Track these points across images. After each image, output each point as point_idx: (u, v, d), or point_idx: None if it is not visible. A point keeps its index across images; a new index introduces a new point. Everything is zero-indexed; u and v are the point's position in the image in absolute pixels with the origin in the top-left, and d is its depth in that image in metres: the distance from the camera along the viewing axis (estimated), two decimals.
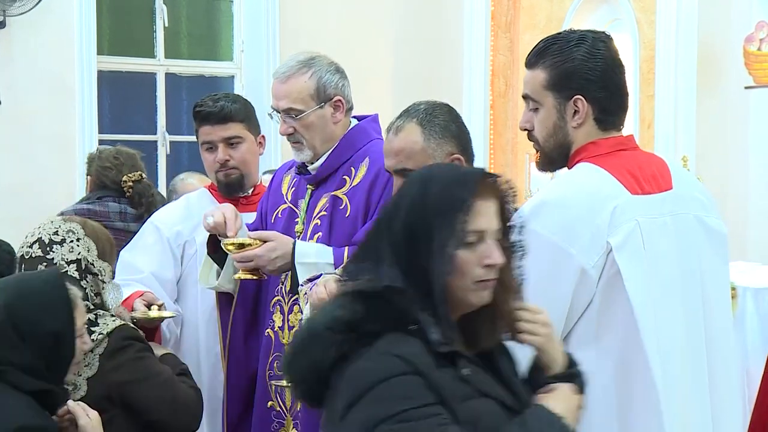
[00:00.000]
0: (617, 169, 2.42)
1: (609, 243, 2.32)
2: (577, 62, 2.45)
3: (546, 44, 2.51)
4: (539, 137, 2.53)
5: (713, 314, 2.47)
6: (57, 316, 2.56)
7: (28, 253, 2.98)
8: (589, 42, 2.47)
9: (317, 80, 3.28)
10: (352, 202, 3.26)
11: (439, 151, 2.83)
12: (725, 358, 2.49)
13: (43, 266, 2.92)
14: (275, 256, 3.21)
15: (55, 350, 2.55)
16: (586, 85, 2.45)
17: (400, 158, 2.84)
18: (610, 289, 2.33)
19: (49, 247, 2.96)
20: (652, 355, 2.31)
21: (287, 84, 3.29)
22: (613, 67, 2.50)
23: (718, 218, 2.54)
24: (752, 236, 5.96)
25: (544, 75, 2.48)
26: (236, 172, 3.67)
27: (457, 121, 2.91)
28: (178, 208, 3.86)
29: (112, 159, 4.54)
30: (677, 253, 2.42)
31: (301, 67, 3.30)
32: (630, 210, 2.37)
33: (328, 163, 3.32)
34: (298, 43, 7.43)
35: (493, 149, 7.54)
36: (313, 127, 3.28)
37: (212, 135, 3.64)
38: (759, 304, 5.15)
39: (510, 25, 7.51)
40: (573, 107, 2.46)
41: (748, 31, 5.99)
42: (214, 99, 3.68)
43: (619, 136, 2.51)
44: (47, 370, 2.54)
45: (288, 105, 3.28)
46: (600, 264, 2.32)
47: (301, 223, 3.36)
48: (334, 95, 3.30)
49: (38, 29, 6.72)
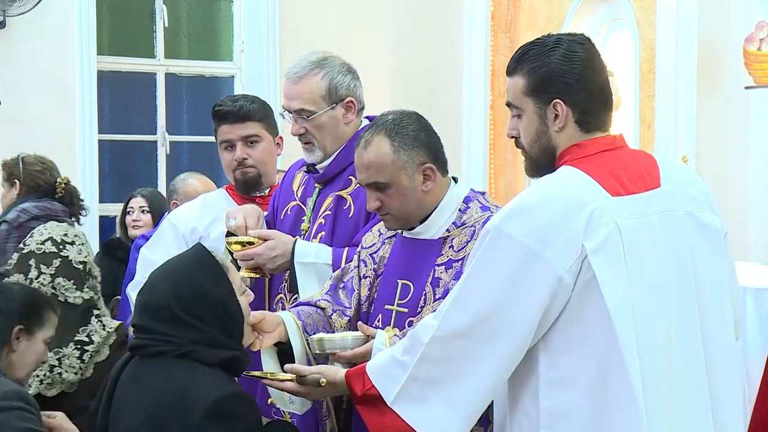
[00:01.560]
0: (599, 171, 2.42)
1: (584, 247, 2.32)
2: (554, 66, 2.46)
3: (523, 50, 2.53)
4: (525, 143, 2.54)
5: (710, 313, 2.45)
6: (218, 284, 2.66)
7: (40, 249, 3.21)
8: (564, 45, 2.48)
9: (329, 81, 3.28)
10: (356, 202, 3.27)
11: (410, 162, 2.82)
12: (724, 356, 2.47)
13: (59, 261, 3.17)
14: (275, 255, 3.22)
15: (227, 316, 2.65)
16: (564, 89, 2.46)
17: (371, 172, 2.83)
18: (586, 294, 2.32)
19: (62, 246, 3.22)
20: (629, 358, 2.29)
21: (299, 85, 3.29)
22: (592, 68, 2.49)
23: (714, 213, 2.52)
24: (752, 236, 5.95)
25: (523, 81, 2.49)
26: (254, 170, 3.72)
27: (427, 129, 2.89)
28: (194, 206, 3.98)
29: (40, 163, 4.79)
30: (667, 251, 2.41)
31: (314, 67, 3.30)
32: (609, 213, 2.36)
33: (336, 162, 3.33)
34: (298, 43, 7.44)
35: (493, 149, 7.54)
36: (325, 127, 3.29)
37: (231, 134, 3.69)
38: (759, 304, 5.15)
39: (510, 25, 7.51)
40: (553, 111, 2.47)
41: (748, 31, 5.98)
42: (233, 99, 3.76)
43: (606, 137, 2.51)
44: (227, 337, 2.65)
45: (300, 105, 3.28)
46: (575, 269, 2.32)
47: (307, 221, 3.37)
48: (345, 96, 3.30)
49: (38, 29, 6.73)
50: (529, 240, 2.32)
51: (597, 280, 2.31)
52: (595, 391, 2.32)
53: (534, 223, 2.34)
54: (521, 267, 2.32)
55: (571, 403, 2.33)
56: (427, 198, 2.85)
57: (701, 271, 2.45)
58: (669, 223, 2.43)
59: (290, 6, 7.61)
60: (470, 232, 2.81)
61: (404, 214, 2.86)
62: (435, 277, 2.81)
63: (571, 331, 2.34)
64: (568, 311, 2.34)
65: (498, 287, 2.34)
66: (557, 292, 2.32)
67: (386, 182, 2.82)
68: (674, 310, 2.40)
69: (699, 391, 2.42)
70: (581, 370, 2.33)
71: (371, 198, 2.86)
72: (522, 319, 2.33)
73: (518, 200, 2.42)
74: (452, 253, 2.81)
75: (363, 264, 3.01)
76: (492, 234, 2.37)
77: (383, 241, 3.00)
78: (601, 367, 2.32)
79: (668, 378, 2.36)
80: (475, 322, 2.36)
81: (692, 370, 2.41)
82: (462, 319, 2.38)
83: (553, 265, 2.31)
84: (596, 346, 2.32)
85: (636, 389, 2.29)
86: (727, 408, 2.47)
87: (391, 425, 2.45)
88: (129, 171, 7.60)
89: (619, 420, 2.30)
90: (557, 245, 2.31)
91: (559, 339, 2.35)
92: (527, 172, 2.62)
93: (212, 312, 2.63)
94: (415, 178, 2.83)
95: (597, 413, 2.32)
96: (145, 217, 5.59)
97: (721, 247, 2.52)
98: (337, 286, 3.05)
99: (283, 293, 3.35)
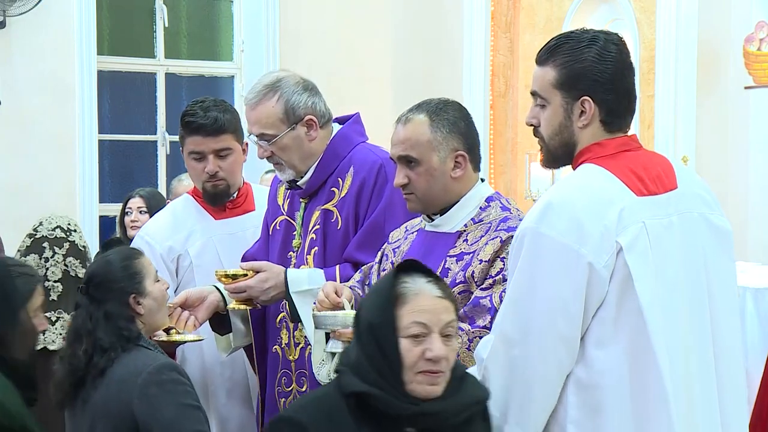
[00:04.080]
0: (622, 170, 2.42)
1: (618, 243, 2.33)
2: (587, 63, 2.45)
3: (558, 42, 2.51)
4: (545, 134, 2.53)
5: (719, 313, 2.47)
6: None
7: (52, 234, 3.71)
8: (600, 43, 2.47)
9: (284, 103, 3.26)
10: (342, 213, 3.26)
11: (445, 145, 2.84)
12: (732, 357, 2.49)
13: (67, 245, 3.70)
14: (267, 287, 3.21)
15: None
16: (595, 87, 2.45)
17: (406, 146, 2.85)
18: (622, 290, 2.33)
19: (68, 233, 3.73)
20: (661, 356, 2.31)
21: (256, 111, 3.27)
22: (623, 69, 2.49)
23: (722, 216, 2.55)
24: (752, 236, 5.96)
25: (554, 73, 2.47)
26: (223, 183, 3.62)
27: (467, 119, 2.91)
28: (165, 221, 3.76)
29: None
30: (683, 252, 2.42)
31: (267, 91, 3.27)
32: (636, 212, 2.37)
33: (315, 177, 3.31)
34: (298, 43, 7.46)
35: (493, 149, 7.54)
36: (289, 148, 3.27)
37: (203, 146, 3.55)
38: (759, 304, 5.15)
39: (510, 25, 7.51)
40: (580, 108, 2.46)
41: (748, 31, 5.98)
42: (204, 108, 3.55)
43: (624, 137, 2.51)
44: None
45: (260, 131, 3.27)
46: (610, 264, 2.32)
47: (298, 236, 3.36)
48: (304, 115, 3.27)
49: (38, 29, 6.73)
50: (566, 238, 2.32)
51: (631, 276, 2.31)
52: (626, 388, 2.33)
53: (567, 220, 2.34)
54: (560, 266, 2.33)
55: (600, 399, 2.33)
56: (453, 185, 2.86)
57: (713, 273, 2.47)
58: (686, 225, 2.45)
59: (290, 6, 7.61)
60: (485, 228, 2.82)
61: (428, 196, 2.87)
62: (445, 267, 2.81)
63: (602, 328, 2.35)
64: (603, 307, 2.34)
65: (543, 289, 2.34)
66: (595, 288, 2.32)
67: (418, 158, 2.83)
68: (689, 309, 2.41)
69: (709, 389, 2.43)
70: (612, 366, 2.33)
71: (400, 174, 2.87)
72: (569, 317, 2.33)
73: (547, 200, 2.41)
74: (465, 246, 2.82)
75: (385, 258, 3.02)
76: (529, 237, 2.37)
77: (406, 236, 3.02)
78: (632, 364, 2.32)
79: (686, 376, 2.38)
80: (529, 327, 2.36)
81: (704, 369, 2.43)
82: (516, 326, 2.37)
83: (591, 261, 2.31)
84: (628, 342, 2.33)
85: (668, 386, 2.30)
86: (732, 407, 2.49)
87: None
88: (129, 171, 7.60)
89: (651, 417, 2.31)
90: (592, 241, 2.32)
91: (590, 335, 2.36)
92: (542, 163, 2.60)
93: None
94: (447, 162, 2.84)
95: (627, 410, 2.33)
96: (143, 218, 5.57)
97: (730, 250, 2.55)
98: (363, 281, 3.07)
99: (285, 311, 3.33)
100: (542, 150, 2.56)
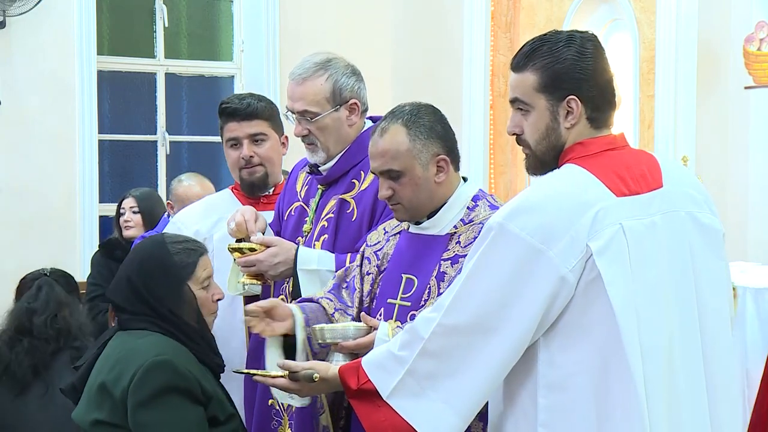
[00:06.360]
0: (603, 170, 2.41)
1: (589, 247, 2.31)
2: (569, 63, 2.45)
3: (533, 46, 2.50)
4: (530, 140, 2.51)
5: (708, 313, 2.45)
6: None
7: None
8: (577, 42, 2.47)
9: (333, 83, 3.27)
10: (359, 206, 3.26)
11: (425, 151, 2.83)
12: (722, 357, 2.47)
13: None
14: (277, 261, 3.22)
15: None
16: (579, 85, 2.45)
17: (386, 159, 2.84)
18: (589, 294, 2.31)
19: None
20: (633, 358, 2.29)
21: (303, 86, 3.28)
22: (602, 65, 2.50)
23: (712, 214, 2.53)
24: (752, 236, 5.95)
25: (535, 77, 2.47)
26: (261, 169, 3.70)
27: (443, 122, 2.91)
28: (197, 208, 3.95)
29: None
30: (668, 252, 2.41)
31: (318, 69, 3.29)
32: (614, 213, 2.35)
33: (340, 165, 3.32)
34: (298, 43, 7.45)
35: (493, 149, 7.54)
36: (328, 129, 3.28)
37: (237, 131, 3.66)
38: (759, 304, 5.14)
39: (510, 25, 7.51)
40: (566, 108, 2.46)
41: (748, 31, 5.98)
42: (240, 97, 3.73)
43: (609, 135, 2.51)
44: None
45: (303, 107, 3.27)
46: (578, 268, 2.31)
47: (309, 222, 3.36)
48: (350, 98, 3.29)
49: (38, 29, 6.73)
50: (533, 238, 2.31)
51: (602, 280, 2.30)
52: (596, 390, 2.32)
53: (538, 221, 2.33)
54: (524, 265, 2.32)
55: (570, 401, 2.33)
56: (438, 190, 2.87)
57: (701, 272, 2.46)
58: (671, 224, 2.43)
59: (290, 6, 7.61)
60: (477, 229, 2.80)
61: (415, 204, 2.87)
62: (441, 271, 2.82)
63: (572, 331, 2.34)
64: (570, 311, 2.33)
65: (500, 285, 2.34)
66: (559, 291, 2.31)
67: (400, 170, 2.83)
68: (675, 310, 2.40)
69: (698, 391, 2.42)
70: (581, 369, 2.32)
71: (383, 186, 2.87)
72: (522, 317, 2.32)
73: (522, 198, 2.41)
74: (459, 248, 2.82)
75: (367, 261, 3.01)
76: (495, 231, 2.36)
77: (388, 238, 3.01)
78: (602, 366, 2.31)
79: (668, 378, 2.36)
80: (476, 319, 2.35)
81: (691, 370, 2.41)
82: (463, 315, 2.37)
83: (557, 264, 2.30)
84: (598, 345, 2.32)
85: (638, 389, 2.28)
86: (725, 409, 2.47)
87: (386, 419, 2.44)
88: (129, 171, 7.60)
89: (620, 420, 2.30)
90: (561, 244, 2.31)
91: (559, 338, 2.35)
92: (529, 170, 2.58)
93: None
94: (429, 169, 2.84)
95: (597, 412, 2.32)
96: (135, 218, 5.58)
97: (720, 248, 2.53)
98: (340, 286, 3.06)
99: (284, 294, 3.34)
100: (528, 157, 2.55)
